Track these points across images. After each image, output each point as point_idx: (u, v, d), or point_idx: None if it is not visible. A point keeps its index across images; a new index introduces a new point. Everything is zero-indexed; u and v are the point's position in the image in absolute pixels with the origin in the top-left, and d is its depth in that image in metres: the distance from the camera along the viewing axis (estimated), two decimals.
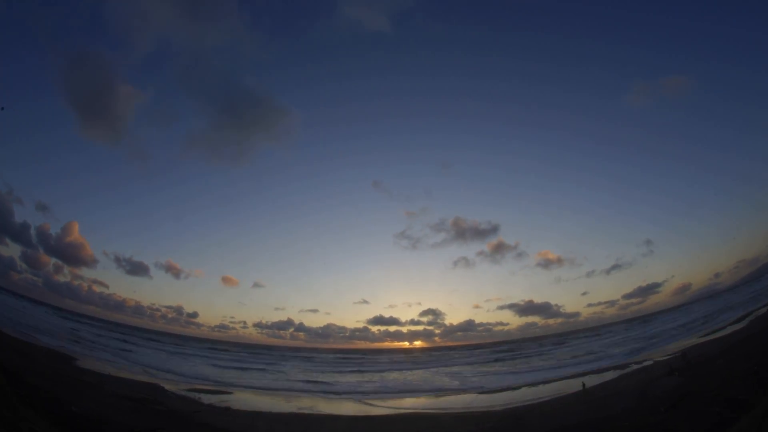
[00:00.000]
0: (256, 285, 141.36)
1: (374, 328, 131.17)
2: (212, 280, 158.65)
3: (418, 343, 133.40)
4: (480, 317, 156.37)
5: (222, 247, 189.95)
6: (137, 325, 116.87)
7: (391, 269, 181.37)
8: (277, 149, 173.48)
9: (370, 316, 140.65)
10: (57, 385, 18.68)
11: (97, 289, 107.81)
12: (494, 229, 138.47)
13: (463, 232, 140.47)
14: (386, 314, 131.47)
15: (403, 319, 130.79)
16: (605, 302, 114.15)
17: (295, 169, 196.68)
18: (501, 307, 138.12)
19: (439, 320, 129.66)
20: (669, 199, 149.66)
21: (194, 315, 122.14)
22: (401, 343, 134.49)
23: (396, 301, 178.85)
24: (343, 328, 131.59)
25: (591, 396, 21.07)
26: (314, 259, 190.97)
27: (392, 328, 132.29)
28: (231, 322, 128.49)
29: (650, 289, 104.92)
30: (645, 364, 27.92)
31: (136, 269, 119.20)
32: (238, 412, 21.97)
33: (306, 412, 23.10)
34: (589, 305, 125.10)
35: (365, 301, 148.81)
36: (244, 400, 26.41)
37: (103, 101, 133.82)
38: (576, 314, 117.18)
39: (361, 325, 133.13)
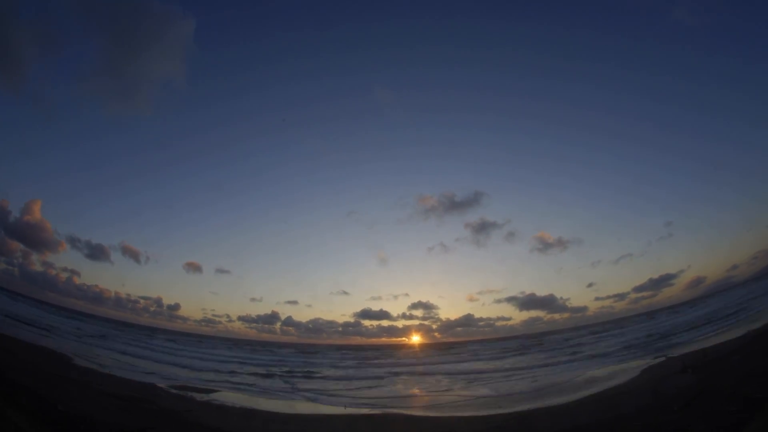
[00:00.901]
0: (219, 270, 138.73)
1: (366, 323, 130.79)
2: (172, 265, 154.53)
3: (417, 339, 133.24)
4: (478, 311, 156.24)
5: (165, 224, 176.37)
6: (126, 320, 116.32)
7: (361, 253, 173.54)
8: (175, 79, 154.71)
9: (356, 309, 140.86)
10: (42, 383, 18.81)
11: (77, 280, 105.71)
12: (476, 199, 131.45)
13: (437, 207, 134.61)
14: (374, 307, 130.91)
15: (394, 314, 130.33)
16: (614, 295, 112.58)
17: (204, 114, 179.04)
18: (498, 300, 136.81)
19: (433, 314, 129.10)
20: (685, 182, 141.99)
21: (176, 307, 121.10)
22: (399, 339, 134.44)
23: (380, 293, 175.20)
24: (332, 323, 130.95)
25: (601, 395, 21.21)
26: (267, 238, 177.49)
27: (385, 323, 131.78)
28: (214, 316, 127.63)
29: (663, 281, 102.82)
30: (658, 360, 28.04)
31: (96, 253, 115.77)
32: (233, 411, 22.16)
33: (303, 411, 23.32)
34: (597, 299, 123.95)
35: (345, 292, 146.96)
36: (239, 398, 26.64)
37: None
38: (583, 308, 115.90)
39: (350, 320, 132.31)
